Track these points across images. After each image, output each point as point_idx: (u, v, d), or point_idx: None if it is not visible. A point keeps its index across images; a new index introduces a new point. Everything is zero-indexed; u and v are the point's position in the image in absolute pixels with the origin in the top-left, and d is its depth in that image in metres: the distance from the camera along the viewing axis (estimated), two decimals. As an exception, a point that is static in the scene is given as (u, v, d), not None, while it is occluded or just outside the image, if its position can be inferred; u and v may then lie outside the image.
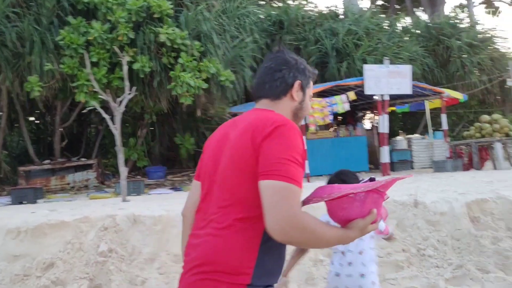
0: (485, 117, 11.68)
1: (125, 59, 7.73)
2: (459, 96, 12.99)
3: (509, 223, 4.69)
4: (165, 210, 5.04)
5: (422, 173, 10.92)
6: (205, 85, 9.35)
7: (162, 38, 9.04)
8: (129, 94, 7.29)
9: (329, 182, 2.68)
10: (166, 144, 12.84)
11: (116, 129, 7.02)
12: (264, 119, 1.54)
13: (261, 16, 14.28)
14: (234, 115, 12.41)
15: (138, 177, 11.46)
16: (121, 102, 7.16)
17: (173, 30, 9.22)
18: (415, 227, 4.66)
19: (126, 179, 6.99)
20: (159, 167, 11.87)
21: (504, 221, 4.72)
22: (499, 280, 3.87)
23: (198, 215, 1.65)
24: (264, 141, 1.48)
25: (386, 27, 15.32)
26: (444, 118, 11.97)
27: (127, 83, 7.52)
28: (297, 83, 1.68)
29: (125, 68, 7.64)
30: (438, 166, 10.93)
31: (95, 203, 7.12)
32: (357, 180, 2.59)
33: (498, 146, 10.73)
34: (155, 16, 9.29)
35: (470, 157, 11.27)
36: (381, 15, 17.47)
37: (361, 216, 1.52)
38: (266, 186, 1.43)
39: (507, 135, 11.12)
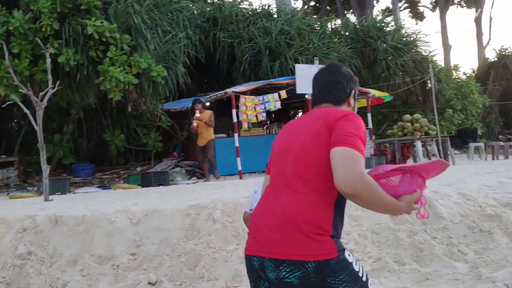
0: (407, 116, 12.35)
1: (48, 51, 7.37)
2: (386, 96, 13.63)
3: (424, 217, 4.99)
4: (89, 210, 4.88)
5: (349, 170, 11.36)
6: (135, 81, 9.14)
7: (90, 30, 8.71)
8: (53, 88, 6.94)
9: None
10: (94, 141, 12.39)
11: (38, 125, 6.68)
12: (335, 110, 1.96)
13: (195, 12, 14.17)
14: (167, 111, 12.25)
15: (64, 175, 11.00)
16: (43, 96, 6.81)
17: (101, 22, 8.91)
18: (339, 222, 4.84)
19: (48, 177, 6.68)
20: (86, 164, 11.46)
21: (420, 215, 5.03)
22: (413, 271, 4.10)
23: (270, 187, 1.99)
24: (337, 122, 1.85)
25: (317, 28, 15.73)
26: (369, 117, 12.53)
27: (50, 77, 7.16)
28: (352, 92, 2.11)
29: (49, 60, 7.29)
30: (364, 163, 11.42)
31: (15, 203, 6.76)
32: None
33: (418, 144, 11.39)
34: (82, 7, 8.93)
35: (393, 154, 11.87)
36: (313, 16, 17.90)
37: (408, 192, 1.83)
38: (337, 151, 1.77)
39: (426, 133, 11.83)
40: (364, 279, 1.85)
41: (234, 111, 10.60)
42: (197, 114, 9.76)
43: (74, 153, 11.83)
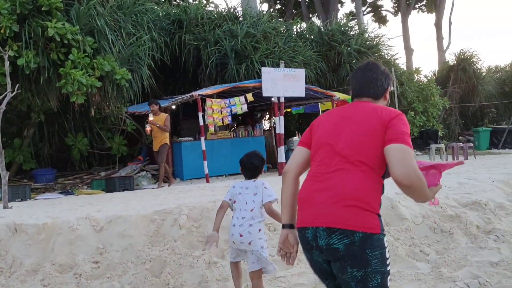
0: (371, 119, 12.56)
1: (7, 53, 7.13)
2: (350, 99, 13.83)
3: (387, 219, 5.05)
4: (50, 217, 4.74)
5: (315, 172, 11.45)
6: (98, 83, 8.95)
7: (51, 32, 8.49)
8: (12, 92, 6.73)
9: (241, 163, 3.77)
10: (56, 145, 12.06)
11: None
12: (386, 108, 2.27)
13: (160, 14, 14.02)
14: (132, 114, 12.07)
15: (25, 180, 10.67)
16: (2, 100, 6.59)
17: (63, 24, 8.70)
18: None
19: (7, 184, 6.45)
20: (48, 169, 11.14)
21: (383, 216, 5.11)
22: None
23: (321, 167, 2.24)
24: (391, 121, 2.16)
25: (283, 31, 15.84)
26: (335, 119, 12.67)
27: (8, 80, 6.94)
28: (389, 88, 2.41)
29: (7, 63, 7.06)
30: (329, 165, 11.53)
31: (-28, 211, 6.48)
32: (263, 161, 3.79)
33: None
34: (43, 9, 8.69)
35: (358, 156, 12.05)
36: (279, 19, 18.02)
37: (433, 185, 2.20)
38: (395, 147, 2.08)
39: (390, 136, 12.07)
40: (388, 268, 2.14)
41: (200, 114, 10.53)
42: (151, 118, 9.47)
43: (35, 158, 11.49)
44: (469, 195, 5.85)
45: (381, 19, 35.53)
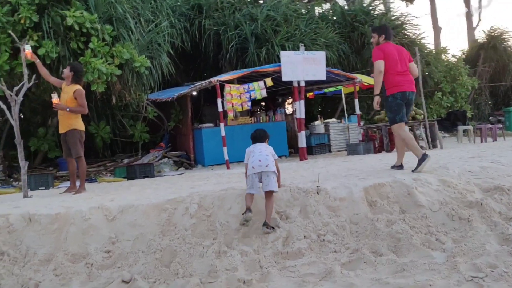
0: (395, 101, 12.24)
1: (23, 44, 7.23)
2: (371, 81, 13.51)
3: (403, 206, 4.94)
4: (64, 207, 4.81)
5: (337, 157, 11.30)
6: (118, 72, 9.02)
7: (69, 21, 8.56)
8: (29, 82, 6.83)
9: (252, 136, 5.27)
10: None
11: (14, 120, 6.57)
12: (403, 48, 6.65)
13: (179, 0, 13.97)
14: (153, 101, 12.14)
15: (50, 168, 10.90)
16: (18, 91, 6.69)
17: (81, 13, 8.76)
18: (317, 213, 4.79)
19: (26, 173, 6.58)
20: (72, 157, 11.31)
21: (399, 204, 4.97)
22: (390, 262, 4.03)
23: (401, 72, 6.15)
24: (406, 51, 6.54)
25: (304, 13, 15.55)
26: (357, 102, 12.43)
27: (25, 71, 7.05)
28: None
29: (23, 54, 7.18)
30: (351, 149, 11.35)
31: (-6, 200, 6.65)
32: (266, 133, 5.31)
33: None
34: (62, -2, 8.78)
35: (381, 140, 11.81)
36: (299, 1, 17.69)
37: None
38: (413, 64, 6.42)
39: (414, 118, 11.76)
40: None
41: (219, 100, 10.50)
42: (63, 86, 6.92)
43: (60, 146, 11.70)
44: (491, 180, 5.61)
45: (408, -2, 34.43)
